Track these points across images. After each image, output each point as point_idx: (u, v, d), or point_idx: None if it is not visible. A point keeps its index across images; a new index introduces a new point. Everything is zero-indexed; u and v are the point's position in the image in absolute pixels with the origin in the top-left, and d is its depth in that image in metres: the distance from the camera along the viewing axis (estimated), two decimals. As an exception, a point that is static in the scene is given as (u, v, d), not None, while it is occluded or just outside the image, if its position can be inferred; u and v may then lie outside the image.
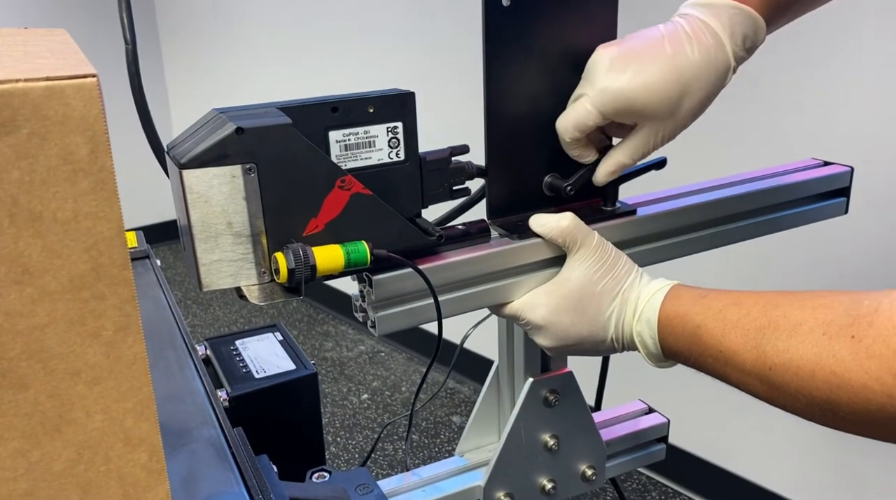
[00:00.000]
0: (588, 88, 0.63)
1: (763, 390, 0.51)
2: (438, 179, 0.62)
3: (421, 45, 2.23)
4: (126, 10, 0.75)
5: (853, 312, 0.45)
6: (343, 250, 0.52)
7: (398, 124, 0.58)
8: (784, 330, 0.49)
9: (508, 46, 0.64)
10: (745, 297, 0.55)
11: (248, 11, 2.89)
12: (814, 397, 0.46)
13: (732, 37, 0.62)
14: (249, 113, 0.51)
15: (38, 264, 0.37)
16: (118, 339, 0.40)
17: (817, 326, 0.47)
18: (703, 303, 0.57)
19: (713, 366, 0.55)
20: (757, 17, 0.62)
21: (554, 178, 0.70)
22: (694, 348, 0.56)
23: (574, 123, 0.63)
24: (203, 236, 0.50)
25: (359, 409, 2.42)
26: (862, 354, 0.43)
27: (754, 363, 0.50)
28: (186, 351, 0.90)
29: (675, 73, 0.60)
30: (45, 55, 0.43)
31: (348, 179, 0.53)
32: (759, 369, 0.50)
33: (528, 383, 0.74)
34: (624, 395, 1.05)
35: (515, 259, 0.65)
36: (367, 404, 2.45)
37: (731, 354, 0.53)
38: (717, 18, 0.62)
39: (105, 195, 0.38)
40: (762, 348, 0.50)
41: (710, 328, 0.55)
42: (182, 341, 0.96)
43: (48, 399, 0.39)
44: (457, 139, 0.64)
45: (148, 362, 0.41)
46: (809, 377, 0.46)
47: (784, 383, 0.48)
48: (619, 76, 0.61)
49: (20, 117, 0.35)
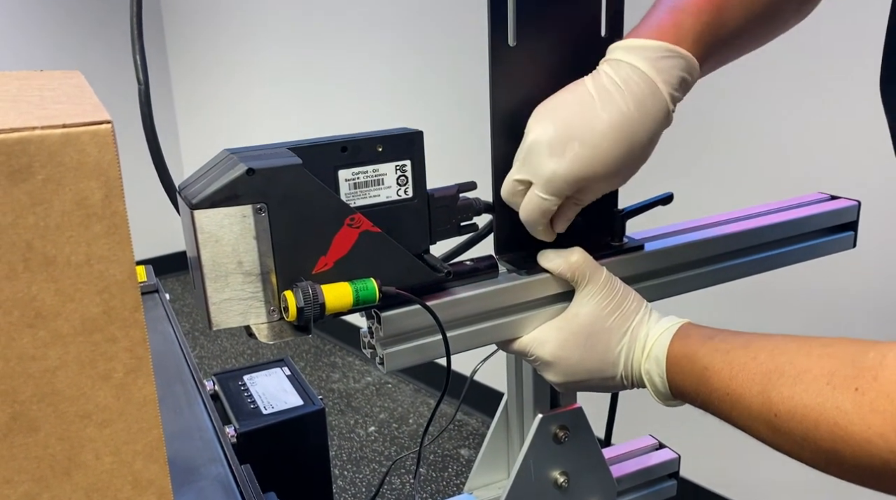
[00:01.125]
0: (533, 176, 0.60)
1: (769, 436, 0.50)
2: (446, 216, 0.62)
3: (431, 83, 2.26)
4: (139, 51, 0.76)
5: (858, 363, 0.45)
6: (352, 288, 0.53)
7: (406, 162, 0.58)
8: (789, 377, 0.48)
9: (514, 85, 0.65)
10: (753, 339, 0.54)
11: (257, 54, 2.94)
12: (819, 446, 0.46)
13: (667, 82, 0.59)
14: (260, 153, 0.52)
15: (50, 307, 0.37)
16: (129, 381, 0.40)
17: (822, 375, 0.46)
18: (711, 344, 0.57)
19: (720, 408, 0.55)
20: (690, 58, 0.59)
21: (561, 213, 0.70)
22: (701, 389, 0.56)
23: (539, 215, 0.61)
24: (213, 276, 0.51)
25: (366, 442, 2.41)
26: (865, 407, 0.43)
27: (760, 409, 0.50)
28: (195, 386, 0.90)
29: (615, 136, 0.58)
30: (61, 100, 0.44)
31: (357, 217, 0.54)
32: (764, 414, 0.50)
33: (538, 420, 0.74)
34: (634, 430, 1.04)
35: (524, 295, 0.65)
36: (374, 437, 2.43)
37: (737, 397, 0.52)
38: (649, 62, 0.58)
39: (118, 239, 0.38)
40: (768, 394, 0.49)
41: (717, 370, 0.54)
42: (190, 377, 0.96)
43: (58, 442, 0.39)
44: (465, 176, 0.65)
45: (158, 404, 0.41)
46: (814, 427, 0.46)
47: (789, 430, 0.48)
48: (561, 160, 0.58)
49: (36, 164, 0.36)
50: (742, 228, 0.76)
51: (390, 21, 2.32)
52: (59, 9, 3.24)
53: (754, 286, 0.95)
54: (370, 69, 2.45)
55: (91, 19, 3.29)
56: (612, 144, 0.58)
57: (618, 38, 0.69)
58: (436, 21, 2.15)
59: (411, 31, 2.26)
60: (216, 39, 3.17)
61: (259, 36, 2.90)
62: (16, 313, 0.37)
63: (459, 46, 2.09)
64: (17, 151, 0.35)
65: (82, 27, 3.29)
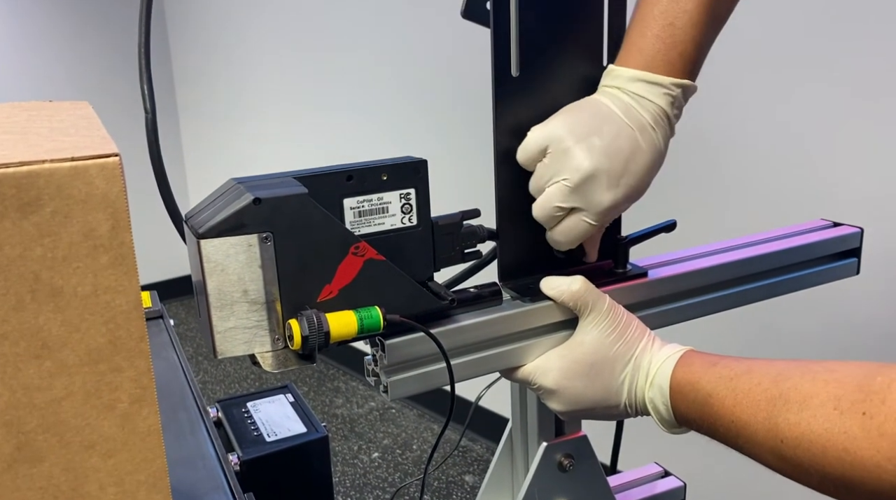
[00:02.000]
0: (587, 205, 0.62)
1: (776, 463, 0.50)
2: (450, 243, 0.63)
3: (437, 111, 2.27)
4: (146, 80, 0.77)
5: (865, 387, 0.45)
6: (356, 316, 0.53)
7: (411, 191, 0.59)
8: (795, 403, 0.48)
9: (517, 114, 0.66)
10: (756, 365, 0.54)
11: (263, 82, 2.97)
12: (827, 473, 0.45)
13: (677, 115, 0.65)
14: (266, 183, 0.53)
15: (57, 338, 0.38)
16: (133, 411, 0.40)
17: (828, 400, 0.46)
18: (714, 371, 0.56)
19: (725, 435, 0.54)
20: (694, 87, 0.65)
21: (564, 240, 0.71)
22: (706, 416, 0.56)
23: (582, 238, 0.65)
24: (219, 304, 0.51)
25: (369, 468, 2.39)
26: (874, 432, 0.43)
27: (766, 436, 0.50)
28: (198, 414, 0.90)
29: (653, 170, 0.64)
30: (69, 132, 0.45)
31: (362, 245, 0.54)
32: (770, 441, 0.49)
33: (542, 448, 0.74)
34: (639, 457, 1.03)
35: (528, 322, 0.66)
36: (377, 463, 2.41)
37: (742, 424, 0.52)
38: (667, 100, 0.63)
39: (124, 270, 0.38)
40: (773, 420, 0.49)
41: (721, 397, 0.54)
42: (194, 404, 0.96)
43: (62, 473, 0.39)
44: (469, 203, 0.65)
45: (162, 434, 0.41)
46: (821, 453, 0.45)
47: (796, 457, 0.47)
48: (616, 192, 0.62)
49: (45, 197, 0.36)
50: (745, 256, 0.76)
51: (397, 51, 2.35)
52: (69, 38, 3.28)
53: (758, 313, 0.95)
54: (376, 99, 2.47)
55: (100, 49, 3.33)
56: (650, 177, 0.64)
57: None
58: (442, 51, 2.18)
59: (418, 60, 2.28)
60: (223, 68, 3.21)
61: (265, 64, 2.94)
62: (22, 344, 0.37)
63: (464, 75, 2.11)
64: (27, 184, 0.36)
65: (92, 56, 3.33)
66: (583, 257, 0.72)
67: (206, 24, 3.23)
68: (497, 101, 0.65)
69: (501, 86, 0.64)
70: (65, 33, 3.27)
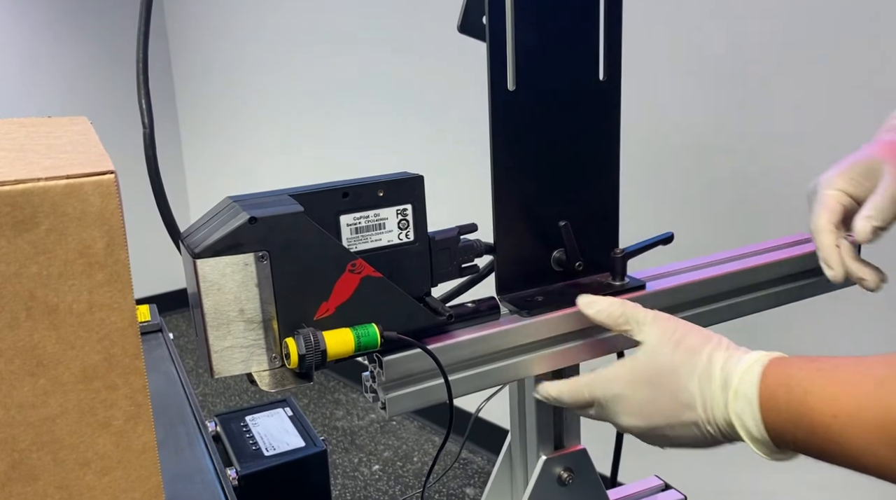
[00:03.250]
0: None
1: (891, 456, 0.43)
2: (447, 258, 0.63)
3: (432, 124, 2.28)
4: (145, 96, 0.78)
5: None
6: (353, 334, 0.53)
7: (407, 207, 0.59)
8: None
9: (514, 127, 0.66)
10: (861, 358, 0.47)
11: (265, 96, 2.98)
12: None
13: None
14: (262, 201, 0.53)
15: (52, 355, 0.38)
16: (128, 428, 0.40)
17: None
18: (811, 366, 0.49)
19: (825, 438, 0.46)
20: None
21: (562, 253, 0.71)
22: (803, 418, 0.47)
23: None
24: (215, 324, 0.51)
25: (370, 481, 2.38)
26: None
27: (877, 422, 0.43)
28: (197, 428, 0.90)
29: None
30: (66, 149, 0.45)
31: (359, 262, 0.54)
32: (886, 427, 0.42)
33: (541, 461, 0.73)
34: (639, 470, 1.03)
35: (527, 336, 0.65)
36: (378, 476, 2.40)
37: (846, 417, 0.45)
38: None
39: (119, 287, 0.38)
40: (885, 401, 0.42)
41: (820, 389, 0.47)
42: (193, 418, 0.95)
43: (57, 491, 0.39)
44: (466, 217, 0.65)
45: (157, 451, 0.41)
46: None
47: None
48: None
49: (40, 214, 0.36)
50: (743, 267, 0.76)
51: (393, 65, 2.35)
52: (69, 53, 3.29)
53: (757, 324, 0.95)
54: (373, 114, 2.48)
55: (101, 63, 3.35)
56: None
57: (615, 81, 0.70)
58: (438, 64, 2.19)
59: (415, 73, 2.29)
60: (224, 81, 3.22)
61: (265, 79, 2.95)
62: (17, 362, 0.37)
63: (461, 88, 2.12)
64: (22, 201, 0.36)
65: (92, 71, 3.34)
66: (579, 268, 0.71)
67: (207, 39, 3.24)
68: (494, 114, 0.65)
69: (498, 99, 0.65)
70: (65, 48, 3.29)
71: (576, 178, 0.71)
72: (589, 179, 0.72)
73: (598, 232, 0.73)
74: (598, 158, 0.72)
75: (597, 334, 0.69)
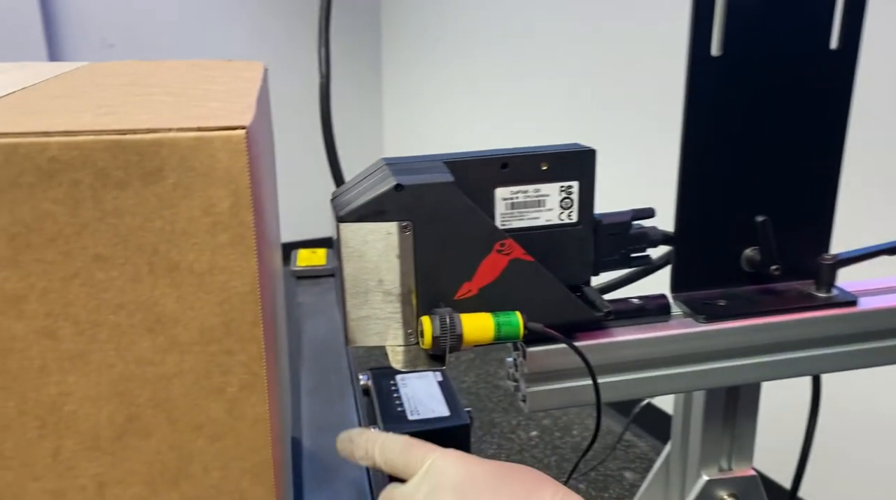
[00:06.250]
0: None
1: None
2: (615, 245, 0.56)
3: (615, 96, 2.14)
4: (324, 45, 0.76)
5: None
6: (494, 321, 0.48)
7: (573, 184, 0.52)
8: None
9: (714, 99, 0.56)
10: None
11: (467, 54, 2.96)
12: None
13: None
14: (413, 166, 0.49)
15: (171, 314, 0.36)
16: (242, 397, 0.38)
17: None
18: None
19: None
20: None
21: (755, 252, 0.61)
22: None
23: None
24: (354, 291, 0.48)
25: (526, 446, 2.36)
26: None
27: None
28: (349, 380, 0.91)
29: None
30: (220, 97, 0.44)
31: (508, 243, 0.49)
32: None
33: (703, 483, 0.65)
34: None
35: (701, 345, 0.57)
36: (535, 442, 2.37)
37: None
38: None
39: (242, 250, 0.36)
40: None
41: None
42: (347, 369, 0.96)
43: (169, 450, 0.38)
44: (639, 201, 0.57)
45: (269, 424, 0.39)
46: None
47: None
48: None
49: (167, 168, 0.34)
50: None
51: (583, 27, 2.23)
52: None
53: None
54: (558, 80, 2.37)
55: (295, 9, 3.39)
56: None
57: (851, 52, 0.58)
58: (627, 28, 2.03)
59: (605, 36, 2.15)
60: (428, 36, 3.25)
61: (471, 38, 2.92)
62: (138, 316, 0.36)
63: (643, 56, 1.96)
64: (151, 152, 0.34)
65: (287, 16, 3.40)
66: (775, 272, 0.61)
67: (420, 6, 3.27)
68: (691, 82, 0.56)
69: (698, 66, 0.55)
70: None
71: (784, 165, 0.60)
72: (801, 169, 0.60)
73: (805, 232, 0.62)
74: (816, 144, 0.60)
75: (790, 350, 0.58)
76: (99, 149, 0.33)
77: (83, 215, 0.34)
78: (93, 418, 0.37)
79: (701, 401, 0.66)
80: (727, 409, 0.66)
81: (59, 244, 0.34)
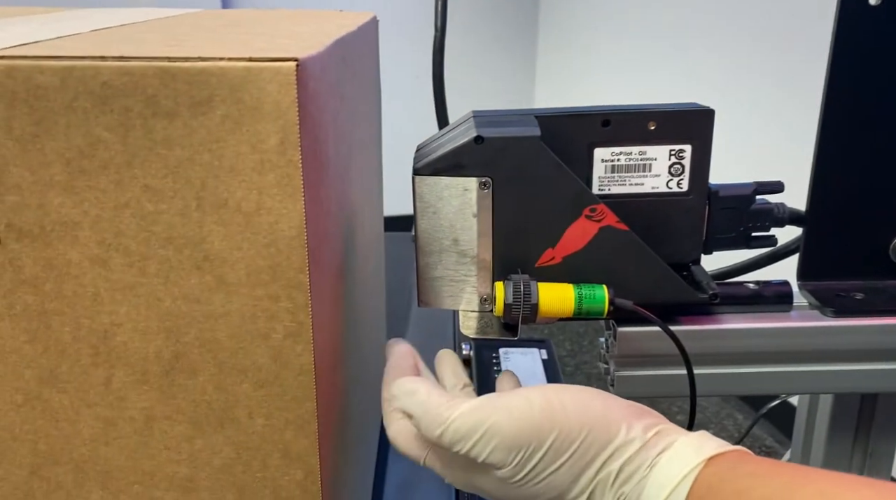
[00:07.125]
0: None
1: None
2: (732, 221, 0.49)
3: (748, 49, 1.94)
4: (442, 0, 0.74)
5: None
6: (575, 293, 0.43)
7: (686, 147, 0.46)
8: None
9: (868, 57, 0.48)
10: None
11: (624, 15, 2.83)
12: None
13: None
14: (501, 120, 0.45)
15: (218, 252, 0.35)
16: (287, 345, 0.37)
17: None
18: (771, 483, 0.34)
19: None
20: None
21: (910, 243, 0.51)
22: None
23: None
24: (427, 250, 0.45)
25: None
26: None
27: None
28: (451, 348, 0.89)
29: None
30: (295, 37, 0.42)
31: (600, 208, 0.44)
32: None
33: None
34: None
35: (828, 342, 0.49)
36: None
37: None
38: None
39: (290, 191, 0.34)
40: None
41: None
42: (451, 335, 0.95)
43: (215, 391, 0.38)
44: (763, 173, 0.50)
45: (314, 375, 0.37)
46: None
47: None
48: None
49: (216, 99, 0.33)
50: None
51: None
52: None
53: None
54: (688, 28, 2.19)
55: None
56: None
57: None
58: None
59: None
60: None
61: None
62: (186, 252, 0.35)
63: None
64: (200, 81, 0.33)
65: None
66: None
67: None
68: (840, 36, 0.48)
69: (850, 16, 0.47)
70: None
71: (957, 140, 0.50)
72: (978, 146, 0.50)
73: (976, 222, 0.51)
74: None
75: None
76: (149, 75, 0.32)
77: (134, 144, 0.33)
78: (142, 351, 0.37)
79: (828, 407, 0.57)
80: (861, 418, 0.57)
81: (111, 172, 0.34)
